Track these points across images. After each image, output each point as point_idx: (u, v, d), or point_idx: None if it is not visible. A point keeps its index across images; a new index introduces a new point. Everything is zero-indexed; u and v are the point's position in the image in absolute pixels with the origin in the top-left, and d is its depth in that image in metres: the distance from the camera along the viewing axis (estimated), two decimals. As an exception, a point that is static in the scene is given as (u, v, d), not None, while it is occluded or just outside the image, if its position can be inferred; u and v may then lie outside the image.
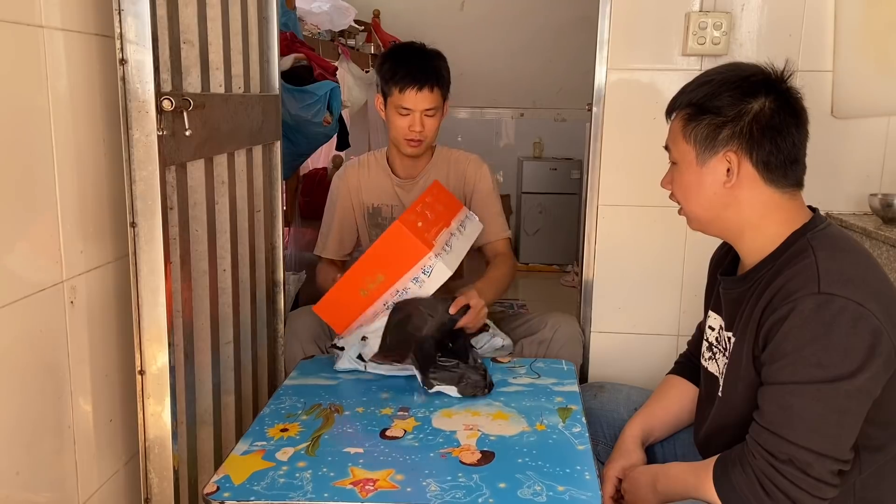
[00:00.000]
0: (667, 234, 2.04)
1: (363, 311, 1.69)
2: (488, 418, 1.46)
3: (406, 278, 1.64)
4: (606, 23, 1.98)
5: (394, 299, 1.66)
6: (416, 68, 1.95)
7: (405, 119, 1.97)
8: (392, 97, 1.98)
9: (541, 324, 2.00)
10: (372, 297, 1.66)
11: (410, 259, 1.62)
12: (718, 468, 1.19)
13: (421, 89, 1.94)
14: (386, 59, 2.03)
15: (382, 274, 1.64)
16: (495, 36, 5.07)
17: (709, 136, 1.21)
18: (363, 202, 2.14)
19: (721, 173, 1.21)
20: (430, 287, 1.65)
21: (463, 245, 1.78)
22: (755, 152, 1.19)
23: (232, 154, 1.70)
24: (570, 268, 4.81)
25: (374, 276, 1.64)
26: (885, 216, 1.83)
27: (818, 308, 1.09)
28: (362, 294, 1.66)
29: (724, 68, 1.26)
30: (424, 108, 1.96)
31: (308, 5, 3.44)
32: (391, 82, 1.97)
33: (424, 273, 1.63)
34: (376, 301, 1.67)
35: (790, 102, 1.21)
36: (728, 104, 1.20)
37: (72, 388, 1.33)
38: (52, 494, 1.30)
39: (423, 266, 1.63)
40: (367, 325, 1.69)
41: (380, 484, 1.21)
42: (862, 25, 1.91)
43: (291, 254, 3.07)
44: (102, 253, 1.42)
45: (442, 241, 1.69)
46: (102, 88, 1.38)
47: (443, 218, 1.77)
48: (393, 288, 1.65)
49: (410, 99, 1.95)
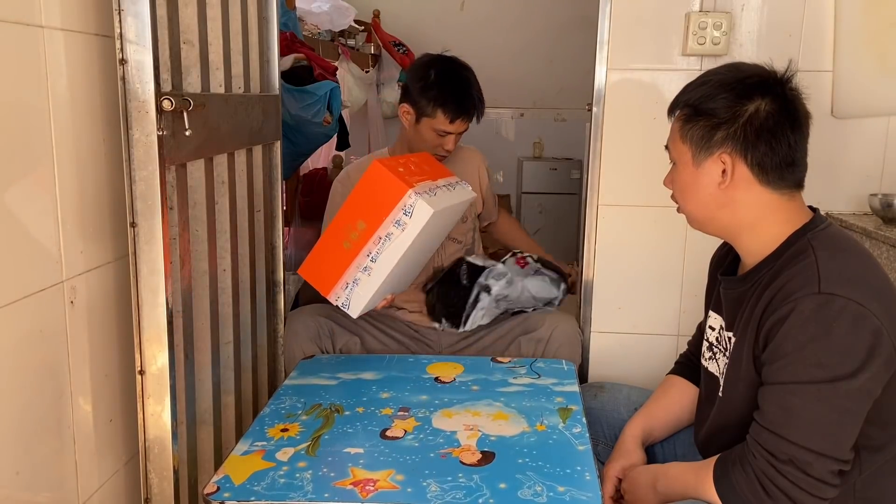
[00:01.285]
0: (667, 234, 2.04)
1: (347, 266, 1.64)
2: (488, 418, 1.46)
3: (388, 222, 1.59)
4: (606, 23, 1.98)
5: (377, 248, 1.61)
6: (466, 99, 1.97)
7: (441, 139, 2.00)
8: (433, 119, 1.96)
9: (539, 322, 2.00)
10: (356, 247, 1.62)
11: (390, 200, 1.58)
12: (718, 468, 1.19)
13: (468, 119, 1.99)
14: (432, 81, 1.97)
15: (364, 220, 1.60)
16: (495, 36, 5.07)
17: (704, 137, 1.22)
18: None
19: (716, 174, 1.22)
20: (413, 229, 1.58)
21: (449, 198, 1.73)
22: (749, 154, 1.19)
23: (232, 154, 1.70)
24: (570, 268, 4.80)
25: (355, 223, 1.61)
26: (885, 216, 1.83)
27: (819, 308, 1.09)
28: (345, 246, 1.63)
29: (725, 69, 1.26)
30: (461, 132, 2.01)
31: (308, 5, 3.44)
32: (438, 107, 1.94)
33: (406, 214, 1.57)
34: (360, 252, 1.62)
35: (787, 104, 1.20)
36: (723, 106, 1.20)
37: (72, 388, 1.33)
38: (52, 494, 1.30)
39: (403, 206, 1.57)
40: (351, 280, 1.65)
41: (380, 484, 1.21)
42: (862, 25, 1.91)
43: (291, 254, 3.07)
44: (102, 253, 1.41)
45: (425, 186, 1.66)
46: (102, 88, 1.38)
47: (427, 174, 1.74)
48: (375, 234, 1.60)
49: (453, 125, 1.97)
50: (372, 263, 1.62)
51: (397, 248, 1.60)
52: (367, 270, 1.63)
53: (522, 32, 5.07)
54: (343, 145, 3.33)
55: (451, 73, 2.01)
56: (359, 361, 1.80)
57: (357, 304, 1.65)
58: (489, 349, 2.03)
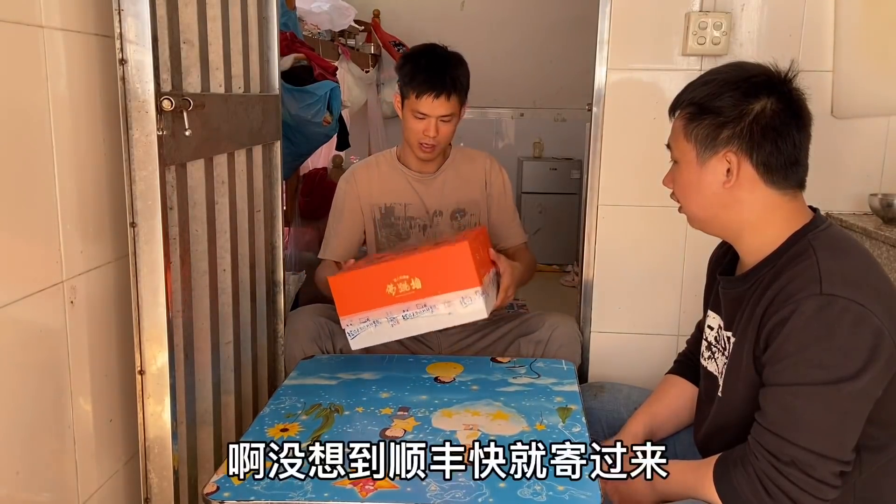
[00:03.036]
0: (667, 234, 2.04)
1: (379, 307, 1.61)
2: (488, 418, 1.46)
3: (442, 299, 1.58)
4: (606, 23, 1.98)
5: (417, 311, 1.60)
6: (434, 75, 1.94)
7: (420, 123, 1.97)
8: (409, 100, 1.97)
9: (538, 323, 2.00)
10: (398, 298, 1.59)
11: (457, 283, 1.56)
12: (719, 468, 1.19)
13: (437, 97, 1.93)
14: (406, 60, 2.01)
15: (421, 282, 1.57)
16: (495, 36, 5.07)
17: (709, 135, 1.21)
18: (374, 203, 2.10)
19: (721, 173, 1.21)
20: (458, 317, 1.58)
21: (490, 301, 1.67)
22: (755, 153, 1.19)
23: (232, 154, 1.70)
24: (570, 268, 4.81)
25: (411, 279, 1.58)
26: (885, 216, 1.83)
27: (820, 309, 1.09)
28: (388, 290, 1.59)
29: (728, 68, 1.25)
30: (440, 115, 1.95)
31: (308, 5, 3.44)
32: (409, 86, 1.95)
33: (462, 302, 1.57)
34: (398, 304, 1.59)
35: (792, 104, 1.20)
36: (729, 105, 1.19)
37: (72, 388, 1.33)
38: (52, 494, 1.30)
39: (464, 295, 1.57)
40: (373, 320, 1.63)
41: (380, 484, 1.21)
42: (862, 25, 1.91)
43: (291, 254, 3.08)
44: (102, 253, 1.41)
45: (486, 281, 1.64)
46: (102, 88, 1.38)
47: (486, 263, 1.71)
48: (423, 300, 1.58)
49: (426, 105, 1.94)
50: (402, 320, 1.60)
51: (434, 322, 1.60)
52: (393, 322, 1.61)
53: (522, 32, 5.07)
54: (343, 145, 3.34)
55: (426, 52, 2.01)
56: (359, 361, 1.80)
57: (362, 341, 1.64)
58: (489, 350, 2.02)
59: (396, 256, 1.65)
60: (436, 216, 2.08)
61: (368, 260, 1.79)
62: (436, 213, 2.08)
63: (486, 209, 2.13)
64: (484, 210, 2.13)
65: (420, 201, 2.08)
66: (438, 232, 2.08)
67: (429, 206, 2.08)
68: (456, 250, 1.56)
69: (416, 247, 1.79)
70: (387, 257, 1.69)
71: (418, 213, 2.08)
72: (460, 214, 2.09)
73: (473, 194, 2.11)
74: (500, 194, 2.14)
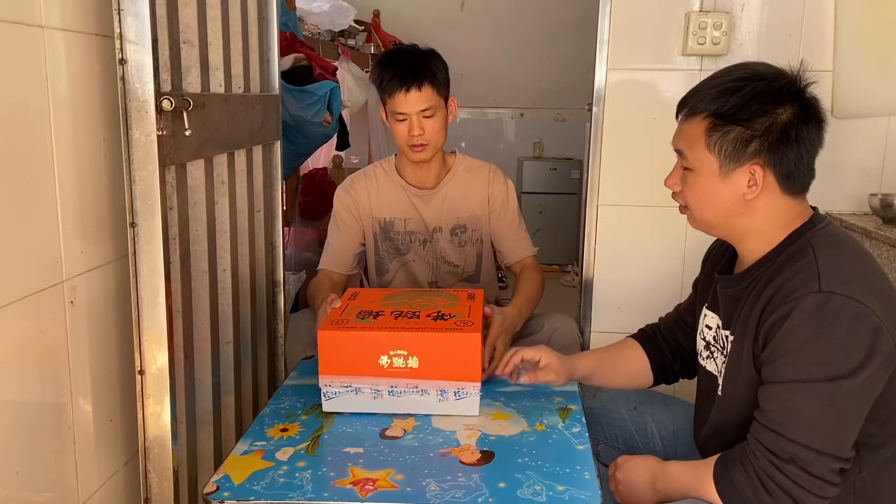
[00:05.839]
0: (667, 234, 2.04)
1: (365, 376, 1.46)
2: (488, 418, 1.46)
3: (436, 384, 1.46)
4: (606, 23, 1.98)
5: (405, 391, 1.46)
6: (401, 69, 1.88)
7: (403, 125, 1.90)
8: (387, 105, 1.91)
9: (538, 325, 1.99)
10: (388, 372, 1.45)
11: (458, 374, 1.45)
12: (719, 467, 1.19)
13: (409, 90, 1.86)
14: (376, 65, 1.97)
15: (419, 362, 1.44)
16: (495, 36, 5.07)
17: (737, 148, 1.18)
18: (374, 216, 2.04)
19: (742, 184, 1.20)
20: (447, 409, 1.47)
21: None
22: (780, 164, 1.18)
23: (232, 154, 1.70)
24: (570, 268, 4.81)
25: (409, 355, 1.45)
26: (885, 216, 1.84)
27: (819, 306, 1.10)
28: (381, 361, 1.45)
29: (743, 72, 1.21)
30: (419, 110, 1.88)
31: (308, 5, 3.44)
32: (383, 90, 1.91)
33: (456, 395, 1.46)
34: (388, 378, 1.46)
35: (812, 110, 1.19)
36: (756, 115, 1.17)
37: (72, 388, 1.33)
38: (52, 494, 1.30)
39: (462, 388, 1.46)
40: (356, 387, 1.48)
41: (379, 484, 1.21)
42: (862, 25, 1.91)
43: (291, 254, 3.08)
44: (102, 253, 1.42)
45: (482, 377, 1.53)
46: (102, 88, 1.38)
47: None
48: (415, 381, 1.45)
49: (401, 102, 1.87)
50: (387, 395, 1.46)
51: (420, 405, 1.47)
52: (377, 395, 1.47)
53: (523, 32, 5.07)
54: (343, 145, 3.34)
55: (390, 54, 1.99)
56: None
57: (336, 406, 1.49)
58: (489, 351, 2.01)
59: (395, 317, 1.52)
60: (436, 232, 2.04)
61: (368, 298, 1.64)
62: (436, 229, 2.04)
63: (488, 223, 2.06)
64: (485, 225, 2.06)
65: (420, 217, 2.03)
66: (439, 248, 2.04)
67: (429, 223, 2.03)
68: (465, 339, 1.44)
69: (424, 306, 1.60)
70: (385, 312, 1.55)
71: (418, 228, 2.04)
72: (461, 231, 2.04)
73: (474, 209, 2.04)
74: (502, 208, 2.04)
